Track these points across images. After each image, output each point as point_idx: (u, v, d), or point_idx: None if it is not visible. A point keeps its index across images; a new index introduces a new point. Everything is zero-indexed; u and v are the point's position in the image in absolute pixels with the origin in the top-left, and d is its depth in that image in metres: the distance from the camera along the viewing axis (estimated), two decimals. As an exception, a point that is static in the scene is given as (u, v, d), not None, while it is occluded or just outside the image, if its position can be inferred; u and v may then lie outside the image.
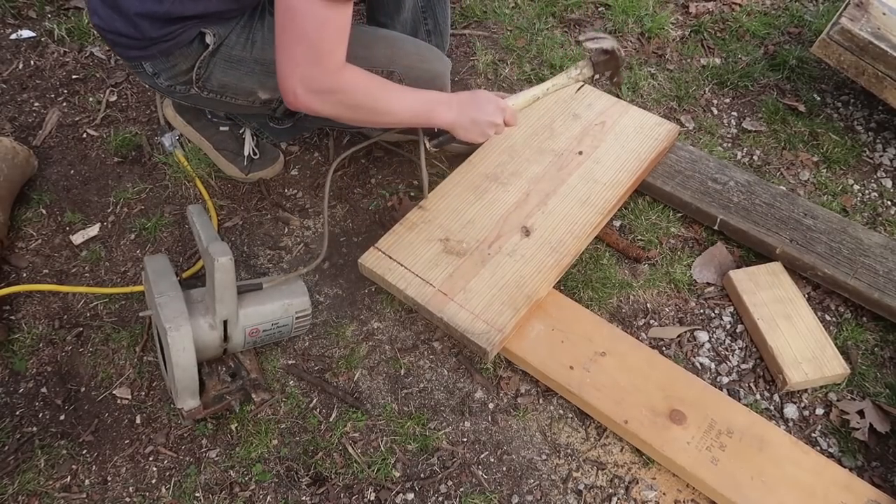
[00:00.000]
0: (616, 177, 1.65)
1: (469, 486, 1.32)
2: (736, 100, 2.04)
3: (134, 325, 1.52)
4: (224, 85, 1.43)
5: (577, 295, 1.57)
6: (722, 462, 1.27)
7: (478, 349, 1.38)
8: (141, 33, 1.32)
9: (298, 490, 1.31)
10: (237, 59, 1.40)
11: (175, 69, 1.39)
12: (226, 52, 1.39)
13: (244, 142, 1.74)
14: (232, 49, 1.39)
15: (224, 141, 1.74)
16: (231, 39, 1.38)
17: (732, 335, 1.54)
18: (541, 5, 2.28)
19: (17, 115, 1.92)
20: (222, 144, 1.74)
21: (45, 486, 1.30)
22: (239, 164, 1.74)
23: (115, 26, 1.33)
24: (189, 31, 1.34)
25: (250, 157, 1.74)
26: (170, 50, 1.36)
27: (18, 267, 1.61)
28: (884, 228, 1.72)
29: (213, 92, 1.45)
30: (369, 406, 1.42)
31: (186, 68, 1.39)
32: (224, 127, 1.73)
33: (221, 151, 1.74)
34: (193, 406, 1.29)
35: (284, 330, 1.41)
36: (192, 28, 1.34)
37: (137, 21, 1.30)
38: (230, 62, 1.40)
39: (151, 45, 1.35)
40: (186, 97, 1.48)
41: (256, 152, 1.75)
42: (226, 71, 1.41)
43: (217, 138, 1.74)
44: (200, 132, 1.75)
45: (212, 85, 1.43)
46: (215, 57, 1.39)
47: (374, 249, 1.50)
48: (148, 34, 1.32)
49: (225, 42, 1.38)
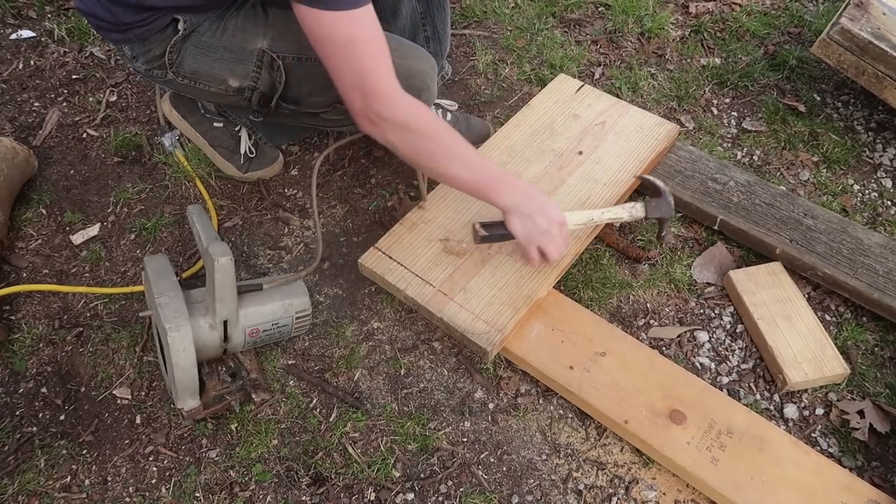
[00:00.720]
0: (616, 177, 1.65)
1: (469, 486, 1.32)
2: (736, 100, 2.04)
3: (134, 325, 1.52)
4: (195, 71, 1.44)
5: (577, 295, 1.57)
6: (722, 462, 1.27)
7: (478, 349, 1.38)
8: (116, 18, 1.36)
9: (298, 490, 1.31)
10: (207, 46, 1.41)
11: (150, 53, 1.42)
12: (196, 38, 1.41)
13: (240, 139, 1.74)
14: (202, 35, 1.41)
15: (219, 138, 1.74)
16: (203, 27, 1.41)
17: (732, 335, 1.54)
18: (541, 5, 2.28)
19: (17, 115, 1.92)
20: (217, 141, 1.74)
21: (45, 486, 1.30)
22: (236, 162, 1.74)
23: (94, 10, 1.38)
24: (162, 19, 1.37)
25: (247, 156, 1.74)
26: (145, 35, 1.39)
27: (18, 267, 1.61)
28: (884, 228, 1.72)
29: (186, 78, 1.46)
30: (369, 406, 1.42)
31: (160, 53, 1.42)
32: (218, 123, 1.73)
33: (217, 148, 1.74)
34: (193, 406, 1.29)
35: (284, 330, 1.41)
36: (166, 15, 1.37)
37: (111, 7, 1.35)
38: (200, 48, 1.42)
39: (127, 30, 1.38)
40: (165, 82, 1.50)
41: (253, 151, 1.74)
42: (196, 57, 1.42)
43: (212, 134, 1.74)
44: (195, 127, 1.75)
45: (184, 70, 1.44)
46: (186, 42, 1.41)
47: (374, 249, 1.50)
48: (122, 19, 1.36)
49: (197, 29, 1.40)
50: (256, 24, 1.42)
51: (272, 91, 1.45)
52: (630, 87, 2.04)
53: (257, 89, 1.45)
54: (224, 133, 1.73)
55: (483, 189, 1.35)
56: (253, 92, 1.46)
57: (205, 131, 1.74)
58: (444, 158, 1.31)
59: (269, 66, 1.42)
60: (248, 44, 1.41)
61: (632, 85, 2.04)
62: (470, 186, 1.36)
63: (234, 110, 1.69)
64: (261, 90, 1.45)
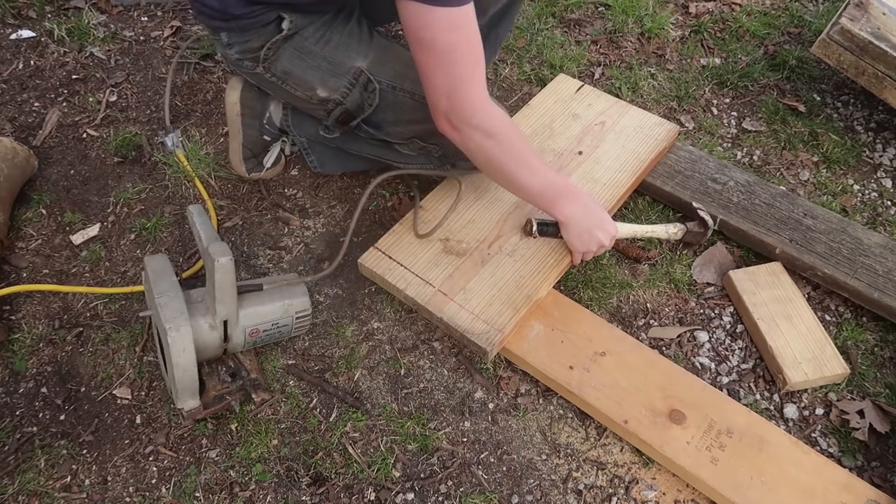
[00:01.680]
0: (616, 177, 1.65)
1: (469, 486, 1.32)
2: (736, 100, 2.04)
3: (134, 325, 1.52)
4: (287, 72, 1.44)
5: (577, 295, 1.57)
6: (722, 462, 1.27)
7: (478, 349, 1.38)
8: (224, 8, 1.36)
9: (298, 490, 1.31)
10: (306, 52, 1.41)
11: (247, 45, 1.41)
12: (298, 41, 1.41)
13: (269, 150, 1.74)
14: (305, 40, 1.40)
15: (254, 143, 1.72)
16: (308, 31, 1.40)
17: (732, 335, 1.54)
18: (541, 5, 2.28)
19: (17, 115, 1.92)
20: (250, 143, 1.72)
21: (45, 486, 1.30)
22: (249, 164, 1.73)
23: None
24: (269, 14, 1.37)
25: (262, 164, 1.74)
26: (247, 27, 1.38)
27: (18, 267, 1.61)
28: (884, 228, 1.72)
29: (275, 76, 1.45)
30: (369, 406, 1.42)
31: (257, 46, 1.41)
32: (268, 137, 1.72)
33: (244, 148, 1.72)
34: (193, 406, 1.29)
35: (284, 330, 1.41)
36: (272, 12, 1.37)
37: None
38: (299, 52, 1.41)
39: (231, 20, 1.37)
40: (252, 75, 1.49)
41: (270, 162, 1.75)
42: (292, 59, 1.42)
43: (250, 136, 1.71)
44: (242, 125, 1.70)
45: (276, 69, 1.44)
46: (287, 43, 1.41)
47: (374, 249, 1.50)
48: (231, 10, 1.36)
49: (300, 32, 1.40)
50: (360, 43, 1.43)
51: (358, 111, 1.46)
52: (630, 87, 2.04)
53: (343, 105, 1.45)
54: (260, 142, 1.72)
55: (545, 199, 1.39)
56: (337, 106, 1.46)
57: (247, 133, 1.71)
58: (514, 167, 1.33)
59: (364, 86, 1.43)
60: (348, 60, 1.42)
61: (632, 85, 2.04)
62: (532, 195, 1.39)
63: (301, 124, 1.67)
64: (346, 107, 1.46)
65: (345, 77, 1.42)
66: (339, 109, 1.46)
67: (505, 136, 1.28)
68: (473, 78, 1.22)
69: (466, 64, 1.20)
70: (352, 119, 1.48)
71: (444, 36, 1.16)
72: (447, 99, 1.24)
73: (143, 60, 2.09)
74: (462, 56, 1.19)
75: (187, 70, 2.05)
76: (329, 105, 1.47)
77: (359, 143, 1.58)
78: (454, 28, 1.16)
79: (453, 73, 1.20)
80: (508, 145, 1.30)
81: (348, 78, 1.42)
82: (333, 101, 1.45)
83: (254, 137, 1.71)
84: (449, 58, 1.19)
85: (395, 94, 1.44)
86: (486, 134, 1.27)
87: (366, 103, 1.44)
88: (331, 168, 1.75)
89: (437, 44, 1.17)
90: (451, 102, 1.24)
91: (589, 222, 1.42)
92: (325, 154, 1.70)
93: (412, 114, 1.43)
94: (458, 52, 1.19)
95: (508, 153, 1.31)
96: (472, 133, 1.27)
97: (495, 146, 1.29)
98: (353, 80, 1.42)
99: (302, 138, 1.69)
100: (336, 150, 1.67)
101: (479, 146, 1.29)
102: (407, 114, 1.45)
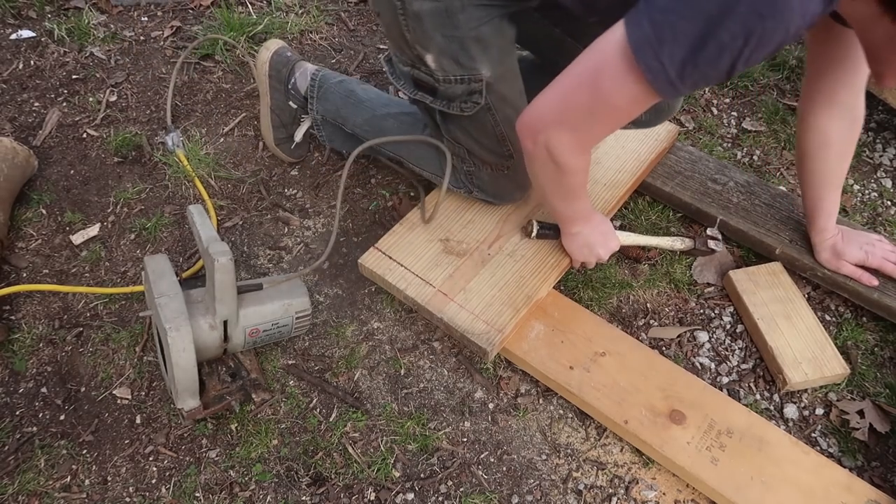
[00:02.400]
0: (616, 177, 1.65)
1: (469, 486, 1.32)
2: (736, 100, 2.04)
3: (134, 325, 1.52)
4: (419, 18, 1.23)
5: (577, 295, 1.57)
6: (722, 462, 1.27)
7: (478, 349, 1.38)
8: None
9: (298, 490, 1.31)
10: (454, 24, 1.23)
11: None
12: (455, 7, 1.21)
13: (300, 124, 1.74)
14: (461, 13, 1.22)
15: (282, 109, 1.72)
16: (470, 10, 1.22)
17: (732, 335, 1.54)
18: (541, 5, 2.28)
19: (17, 115, 1.92)
20: (277, 107, 1.72)
21: (45, 486, 1.30)
22: (278, 133, 1.75)
23: None
24: None
25: (291, 138, 1.76)
26: None
27: (18, 267, 1.61)
28: (884, 228, 1.72)
29: (404, 13, 1.23)
30: (369, 406, 1.42)
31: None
32: (294, 104, 1.71)
33: (273, 114, 1.72)
34: (193, 406, 1.29)
35: (284, 330, 1.41)
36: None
37: None
38: (447, 15, 1.23)
39: None
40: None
41: (299, 138, 1.76)
42: (434, 16, 1.23)
43: (278, 100, 1.71)
44: (270, 87, 1.70)
45: (411, 9, 1.22)
46: (441, 2, 1.21)
47: (374, 250, 1.50)
48: None
49: (465, 5, 1.22)
50: (499, 53, 1.30)
51: (442, 99, 1.34)
52: (630, 88, 2.03)
53: (436, 84, 1.31)
54: (288, 111, 1.72)
55: (564, 219, 1.41)
56: (429, 77, 1.31)
57: (275, 98, 1.71)
58: (560, 195, 1.30)
59: (470, 93, 1.31)
60: (478, 62, 1.28)
61: (632, 85, 2.04)
62: (557, 214, 1.41)
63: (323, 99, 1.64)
64: (438, 88, 1.32)
65: (462, 71, 1.28)
66: (429, 81, 1.32)
67: (570, 174, 1.21)
68: (592, 131, 1.12)
69: (602, 121, 1.09)
70: (429, 95, 1.35)
71: (618, 101, 1.02)
72: (556, 120, 1.10)
73: (143, 60, 2.09)
74: (604, 114, 1.07)
75: (187, 70, 2.05)
76: (422, 69, 1.31)
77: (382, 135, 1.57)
78: (634, 102, 1.02)
79: (590, 124, 1.09)
80: (567, 181, 1.23)
81: (465, 76, 1.29)
82: (431, 71, 1.29)
83: (281, 102, 1.71)
84: (602, 115, 1.07)
85: (491, 121, 1.36)
86: (556, 163, 1.17)
87: (457, 104, 1.34)
88: (339, 145, 1.75)
89: (599, 91, 1.02)
90: (554, 126, 1.11)
91: (593, 239, 1.43)
92: (336, 132, 1.70)
93: (491, 143, 1.40)
94: (614, 117, 1.07)
95: (562, 183, 1.25)
96: (546, 158, 1.17)
97: (555, 175, 1.21)
98: (467, 80, 1.29)
99: (318, 115, 1.68)
100: (347, 133, 1.67)
101: (543, 166, 1.20)
102: (486, 140, 1.40)
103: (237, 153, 1.85)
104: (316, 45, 2.16)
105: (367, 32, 2.23)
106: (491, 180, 1.49)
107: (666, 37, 0.90)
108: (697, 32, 0.88)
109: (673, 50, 0.91)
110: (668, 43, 0.90)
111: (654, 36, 0.91)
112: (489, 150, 1.42)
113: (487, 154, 1.43)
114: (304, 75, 1.68)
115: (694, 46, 0.89)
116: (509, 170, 1.46)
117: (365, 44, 2.18)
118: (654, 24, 0.91)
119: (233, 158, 1.84)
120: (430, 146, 1.53)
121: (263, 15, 2.19)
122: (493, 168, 1.46)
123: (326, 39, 2.18)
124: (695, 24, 0.88)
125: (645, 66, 0.93)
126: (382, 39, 2.20)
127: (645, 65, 0.93)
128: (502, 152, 1.42)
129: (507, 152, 1.42)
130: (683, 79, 0.93)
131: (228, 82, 2.04)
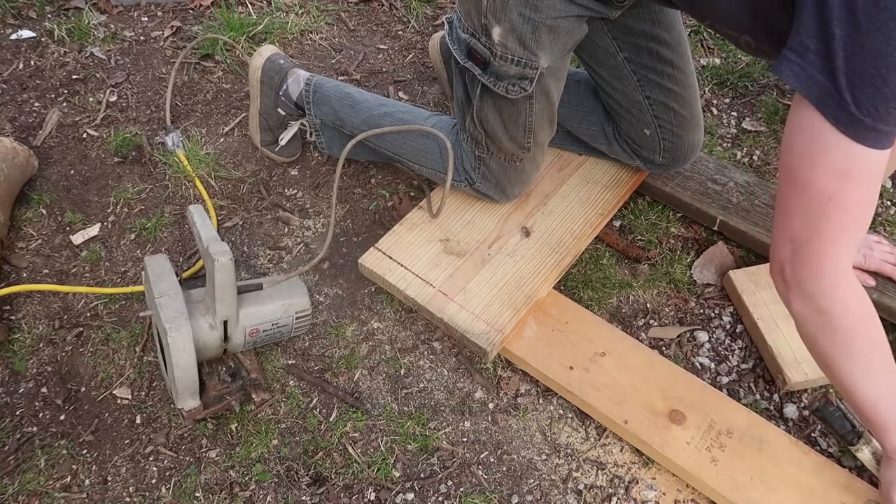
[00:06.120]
0: (616, 177, 1.65)
1: (469, 486, 1.32)
2: (736, 100, 2.04)
3: (134, 325, 1.52)
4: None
5: (577, 295, 1.57)
6: (722, 462, 1.27)
7: (478, 349, 1.38)
8: None
9: (298, 490, 1.31)
10: (536, 4, 1.20)
11: None
12: None
13: (288, 127, 1.74)
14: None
15: (270, 113, 1.72)
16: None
17: (732, 335, 1.54)
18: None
19: (17, 115, 1.92)
20: (266, 111, 1.72)
21: (45, 486, 1.30)
22: (265, 136, 1.75)
23: None
24: None
25: (277, 142, 1.76)
26: None
27: (18, 267, 1.61)
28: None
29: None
30: (369, 406, 1.42)
31: None
32: (282, 111, 1.71)
33: (259, 118, 1.73)
34: (193, 406, 1.29)
35: (284, 330, 1.41)
36: None
37: None
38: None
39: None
40: None
41: (284, 141, 1.76)
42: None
43: (266, 105, 1.71)
44: (261, 91, 1.70)
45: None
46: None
47: (375, 250, 1.50)
48: None
49: None
50: (563, 49, 1.29)
51: (491, 75, 1.29)
52: (630, 88, 2.04)
53: (491, 58, 1.27)
54: (276, 116, 1.72)
55: (876, 415, 1.10)
56: (486, 48, 1.27)
57: (264, 100, 1.71)
58: (844, 361, 1.06)
59: (521, 77, 1.28)
60: (541, 48, 1.25)
61: (632, 85, 2.04)
62: (858, 401, 1.10)
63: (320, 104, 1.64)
64: (490, 64, 1.27)
65: (524, 54, 1.24)
66: (485, 54, 1.27)
67: (847, 324, 1.02)
68: (839, 242, 0.96)
69: (838, 223, 0.94)
70: (479, 67, 1.30)
71: (825, 183, 0.91)
72: (793, 248, 0.99)
73: (143, 60, 2.09)
74: (837, 213, 0.93)
75: (187, 70, 2.05)
76: (482, 40, 1.26)
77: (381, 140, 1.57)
78: (844, 177, 0.90)
79: (815, 227, 0.96)
80: (848, 336, 1.03)
81: (524, 59, 1.25)
82: (493, 45, 1.25)
83: (269, 107, 1.71)
84: (819, 209, 0.94)
85: (527, 110, 1.34)
86: (821, 312, 1.02)
87: (504, 85, 1.29)
88: (338, 152, 1.74)
89: (813, 189, 0.92)
90: (796, 255, 0.99)
91: None
92: (335, 139, 1.70)
93: (517, 132, 1.37)
94: (833, 207, 0.93)
95: (842, 346, 1.04)
96: (804, 300, 1.03)
97: (821, 324, 1.04)
98: (524, 63, 1.25)
99: (317, 119, 1.68)
100: (347, 138, 1.67)
101: (805, 316, 1.05)
102: (514, 127, 1.37)
103: (237, 153, 1.85)
104: (316, 46, 2.16)
105: (367, 32, 2.23)
106: (500, 169, 1.48)
107: None
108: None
109: None
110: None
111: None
112: (512, 138, 1.41)
113: (508, 142, 1.41)
114: (297, 81, 1.67)
115: None
116: (521, 161, 1.47)
117: (365, 44, 2.19)
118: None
119: (233, 158, 1.84)
120: (429, 139, 1.53)
121: (263, 15, 2.19)
122: (506, 157, 1.46)
123: (326, 39, 2.18)
124: None
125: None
126: (382, 39, 2.20)
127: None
128: (523, 144, 1.42)
129: (527, 144, 1.42)
130: None
131: (228, 82, 2.04)
